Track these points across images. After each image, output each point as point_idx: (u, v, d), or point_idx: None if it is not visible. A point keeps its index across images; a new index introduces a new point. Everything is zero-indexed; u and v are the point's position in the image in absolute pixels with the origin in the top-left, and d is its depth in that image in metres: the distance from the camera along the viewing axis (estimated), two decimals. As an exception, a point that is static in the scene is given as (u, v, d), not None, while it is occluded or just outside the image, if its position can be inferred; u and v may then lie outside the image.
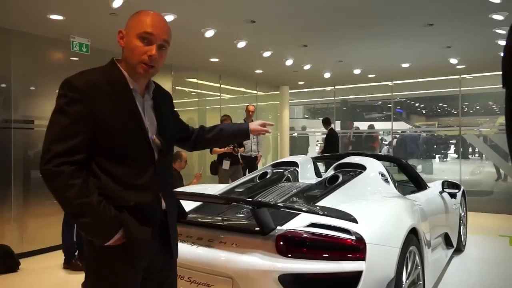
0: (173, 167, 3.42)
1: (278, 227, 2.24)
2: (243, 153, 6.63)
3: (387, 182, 3.24)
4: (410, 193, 3.61)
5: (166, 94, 1.76)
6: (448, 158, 13.21)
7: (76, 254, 4.37)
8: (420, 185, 3.93)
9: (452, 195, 4.20)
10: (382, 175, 3.27)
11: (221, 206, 2.79)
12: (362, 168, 3.29)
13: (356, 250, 2.08)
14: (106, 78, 1.50)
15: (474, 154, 12.13)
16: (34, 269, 4.45)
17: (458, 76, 8.62)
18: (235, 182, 3.66)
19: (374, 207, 2.71)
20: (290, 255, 2.09)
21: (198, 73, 8.08)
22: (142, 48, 1.51)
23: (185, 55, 6.54)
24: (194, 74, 8.04)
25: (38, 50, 5.33)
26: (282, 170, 3.69)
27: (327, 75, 8.59)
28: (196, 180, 5.56)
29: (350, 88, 10.84)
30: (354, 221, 2.17)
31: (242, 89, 9.71)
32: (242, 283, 2.09)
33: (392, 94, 9.89)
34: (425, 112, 19.27)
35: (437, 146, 13.01)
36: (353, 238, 2.10)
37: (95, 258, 1.51)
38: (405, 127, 13.89)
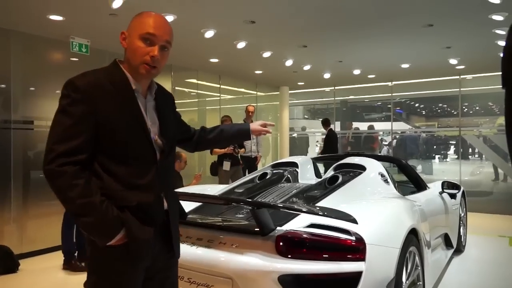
0: (172, 168, 3.41)
1: (278, 228, 2.23)
2: (243, 153, 6.62)
3: (387, 182, 3.24)
4: (410, 193, 3.61)
5: (168, 95, 1.78)
6: (448, 159, 13.20)
7: (75, 254, 4.37)
8: (420, 185, 3.93)
9: (452, 196, 4.20)
10: (382, 176, 3.27)
11: (220, 206, 2.79)
12: (362, 168, 3.29)
13: (356, 250, 2.08)
14: (108, 79, 1.52)
15: (474, 155, 12.13)
16: (34, 270, 4.44)
17: (458, 76, 8.62)
18: (235, 183, 3.66)
19: (374, 208, 2.71)
20: (289, 256, 2.09)
21: (198, 73, 8.08)
22: (145, 49, 1.52)
23: (185, 56, 6.54)
24: (194, 74, 8.04)
25: (38, 51, 5.33)
26: (282, 171, 3.68)
27: (327, 76, 8.58)
28: (195, 180, 5.55)
29: (350, 88, 10.84)
30: (354, 221, 2.17)
31: (242, 89, 9.71)
32: (241, 284, 2.09)
33: (392, 94, 9.89)
34: (425, 112, 19.25)
35: (437, 147, 13.00)
36: (353, 238, 2.10)
37: (97, 258, 1.52)
38: (405, 128, 13.88)
